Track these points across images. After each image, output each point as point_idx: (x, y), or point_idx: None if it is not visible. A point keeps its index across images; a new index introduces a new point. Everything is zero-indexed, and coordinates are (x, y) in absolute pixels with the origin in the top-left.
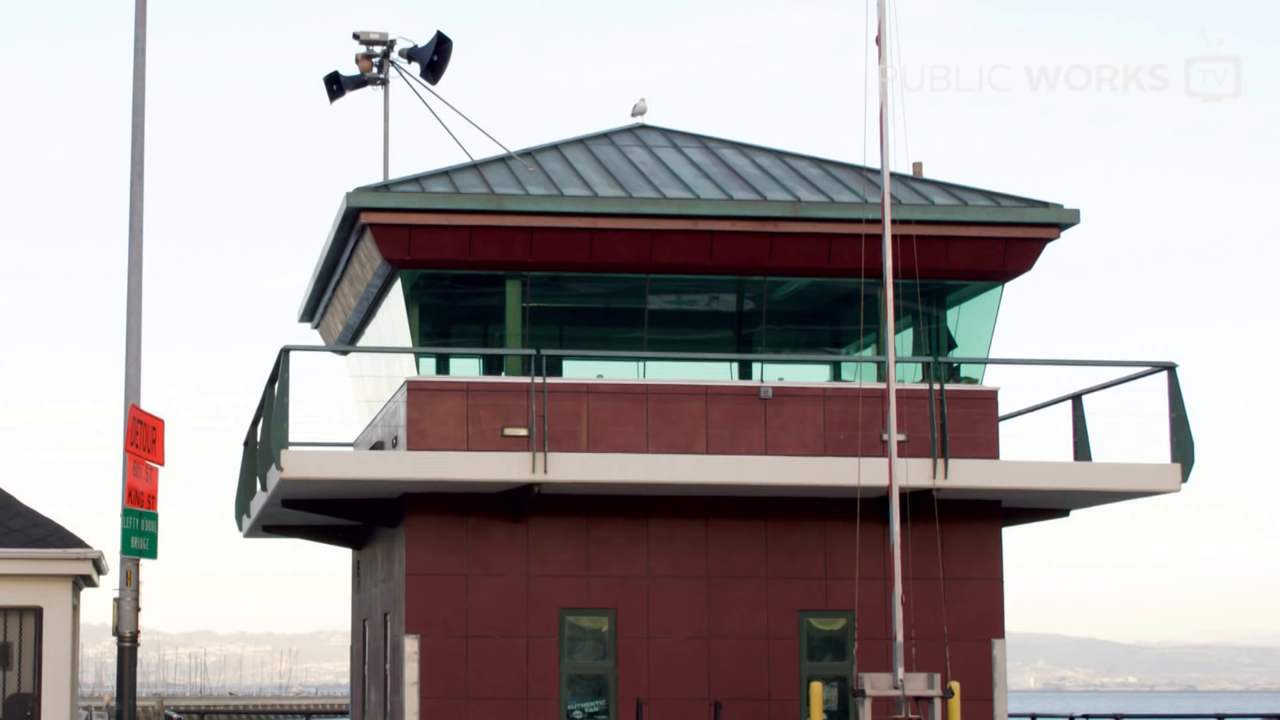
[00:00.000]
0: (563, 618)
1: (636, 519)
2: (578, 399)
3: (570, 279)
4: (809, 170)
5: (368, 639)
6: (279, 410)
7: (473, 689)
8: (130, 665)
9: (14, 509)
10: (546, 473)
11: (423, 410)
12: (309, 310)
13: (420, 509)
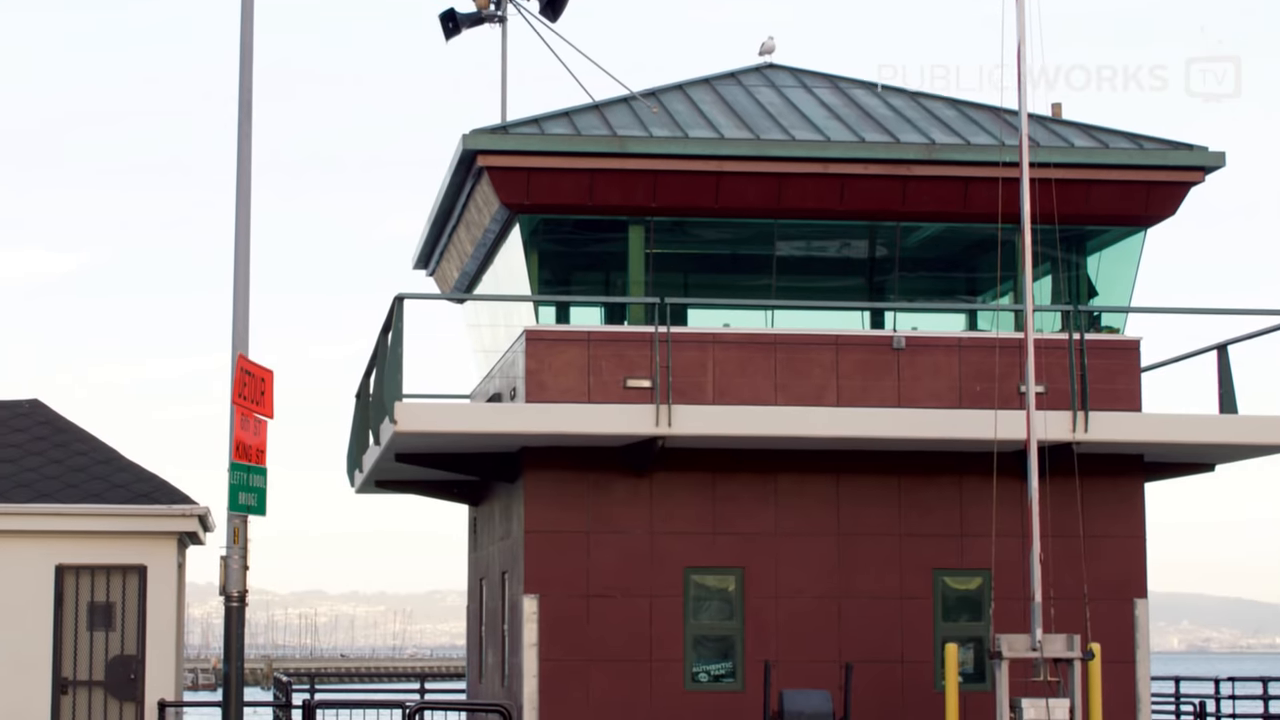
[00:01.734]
0: (688, 577)
1: (764, 474)
2: (703, 349)
3: (695, 224)
4: (944, 111)
5: (485, 599)
6: (393, 361)
7: (593, 651)
8: (237, 626)
9: (118, 464)
10: (671, 426)
11: (542, 361)
12: (424, 257)
13: (539, 463)
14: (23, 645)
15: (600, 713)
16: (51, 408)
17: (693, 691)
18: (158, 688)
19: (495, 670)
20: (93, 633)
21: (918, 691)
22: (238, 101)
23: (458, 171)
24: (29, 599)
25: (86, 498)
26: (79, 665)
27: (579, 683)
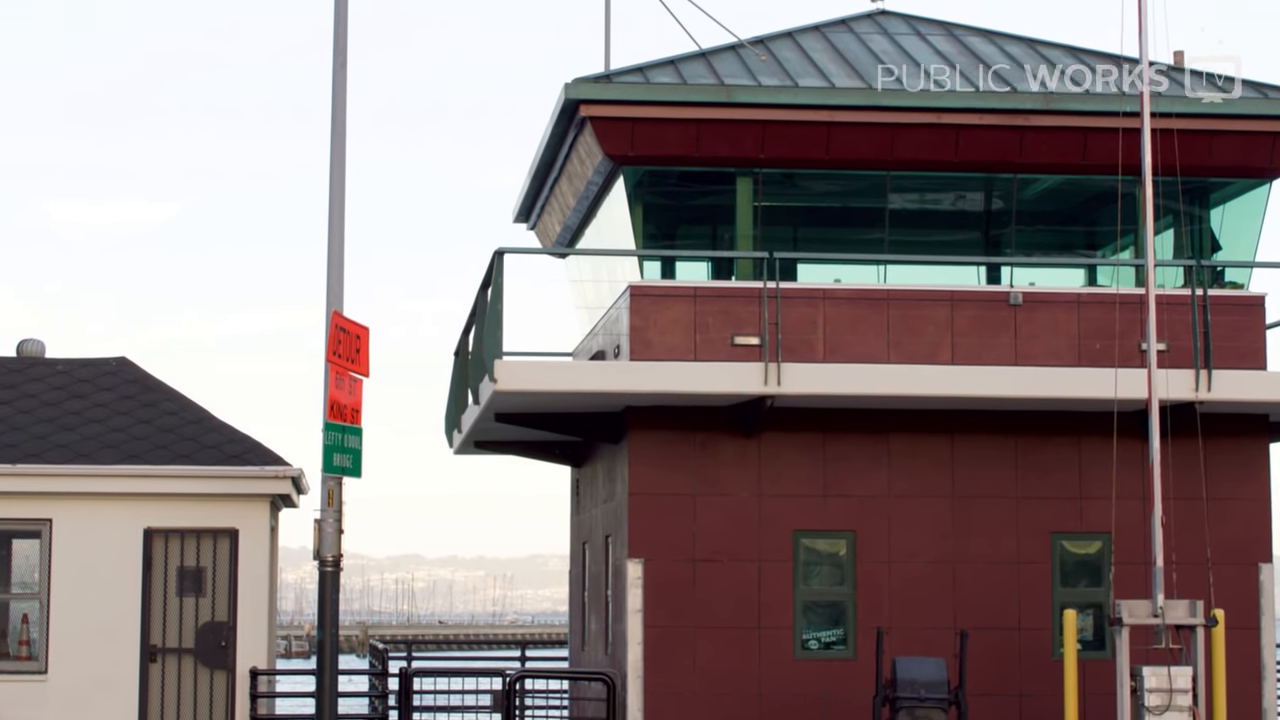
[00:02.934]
0: (797, 540)
1: (876, 434)
2: (813, 305)
3: (805, 176)
4: (1062, 60)
5: (588, 563)
6: (492, 317)
7: (700, 617)
8: (332, 591)
9: (208, 424)
10: (780, 385)
11: (647, 317)
12: (524, 210)
13: (644, 423)
14: (110, 612)
15: (707, 681)
16: (140, 366)
17: (802, 659)
18: (249, 655)
19: (599, 637)
20: (182, 599)
21: (1035, 659)
22: (332, 48)
23: (560, 122)
24: (117, 564)
25: (176, 459)
26: (168, 632)
27: (685, 650)
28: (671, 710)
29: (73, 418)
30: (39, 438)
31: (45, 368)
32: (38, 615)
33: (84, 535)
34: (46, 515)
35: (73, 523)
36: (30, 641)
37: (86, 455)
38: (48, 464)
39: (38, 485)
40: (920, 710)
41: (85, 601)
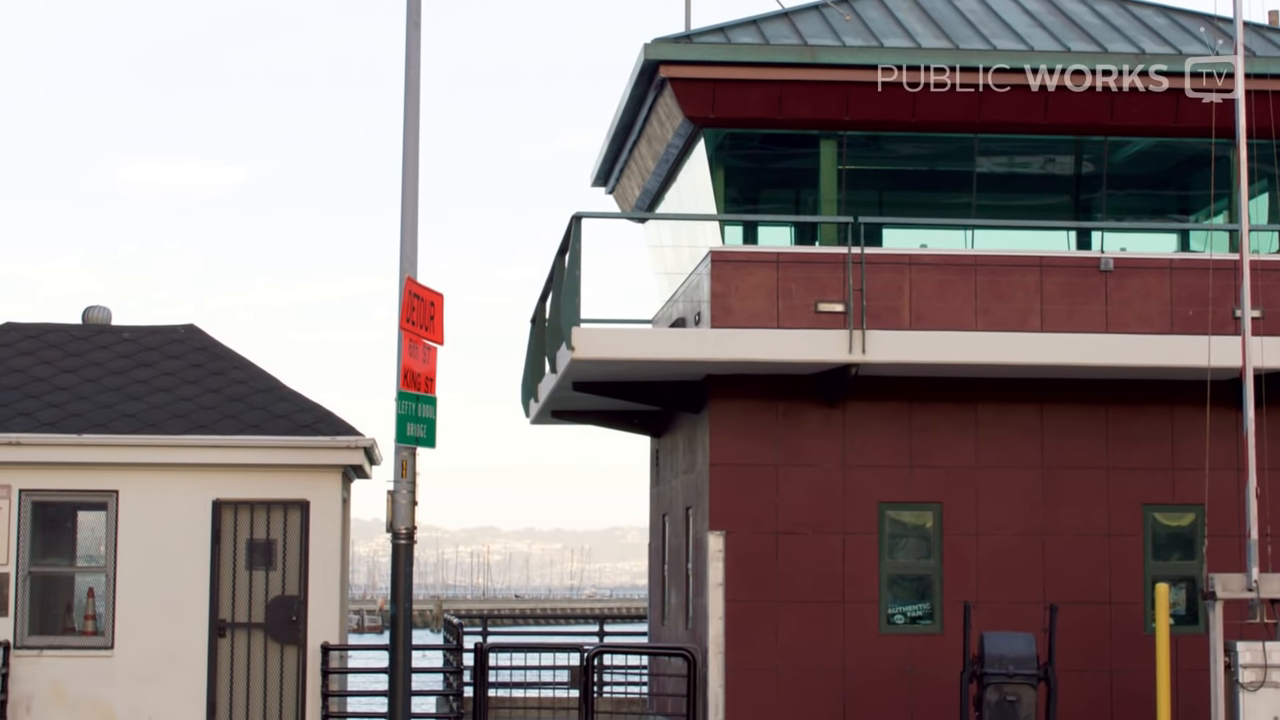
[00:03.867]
0: (883, 512)
1: (964, 404)
2: (899, 271)
3: (891, 139)
4: (1154, 19)
5: (668, 536)
6: (570, 284)
7: (783, 591)
8: (405, 565)
9: (278, 393)
10: (865, 352)
11: (728, 283)
12: (603, 174)
13: (725, 392)
14: (178, 585)
15: (790, 656)
16: (208, 333)
17: (888, 634)
18: (321, 630)
19: (679, 612)
20: (252, 572)
21: (1126, 634)
22: (405, 8)
23: (639, 83)
24: (185, 536)
25: (245, 429)
26: (237, 606)
27: (767, 625)
28: (753, 686)
29: (140, 386)
30: (105, 407)
31: (111, 335)
32: (104, 589)
33: (151, 507)
34: (113, 487)
35: (140, 494)
36: (96, 616)
37: (154, 425)
38: (114, 434)
39: (104, 456)
40: (1009, 686)
41: (152, 575)
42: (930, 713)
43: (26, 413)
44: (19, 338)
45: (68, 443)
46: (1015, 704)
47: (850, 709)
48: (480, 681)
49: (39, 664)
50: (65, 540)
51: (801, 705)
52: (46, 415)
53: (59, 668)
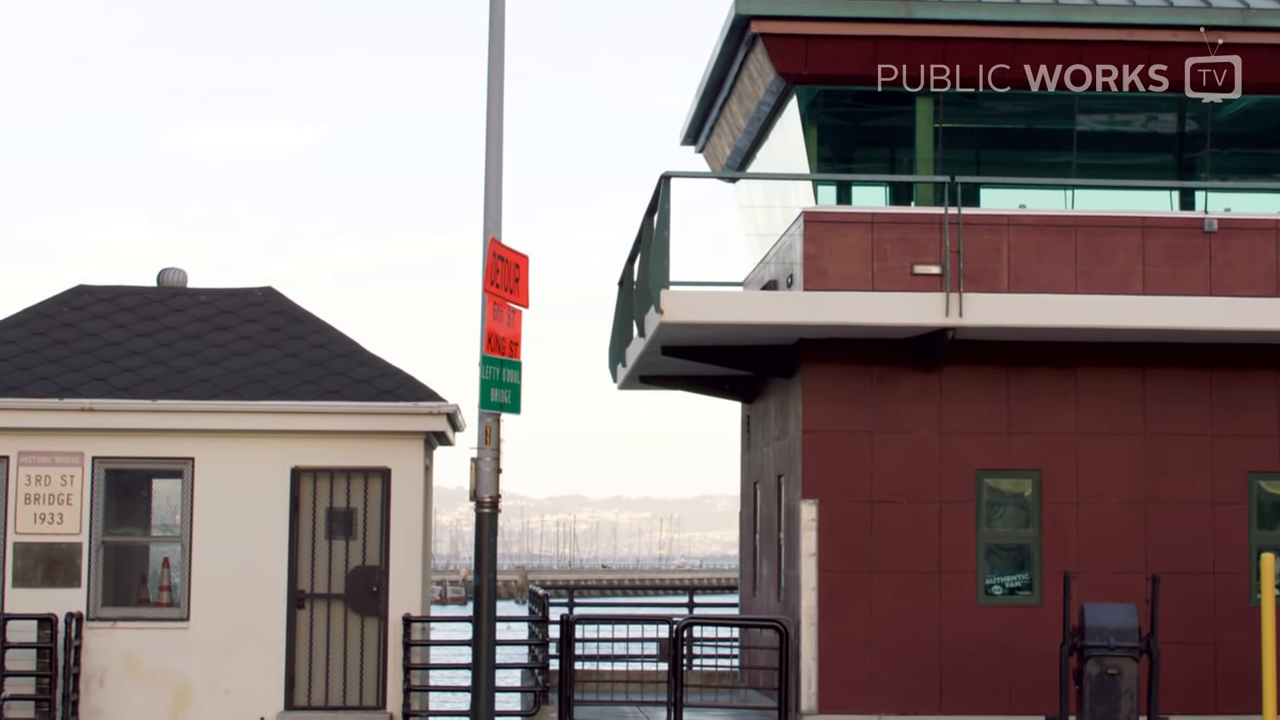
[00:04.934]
0: (980, 480)
1: (1063, 369)
2: (997, 232)
3: (989, 96)
4: None
5: (759, 505)
6: (659, 245)
7: (877, 561)
8: (490, 534)
9: (358, 357)
10: (962, 316)
11: (821, 245)
12: (692, 133)
13: (818, 357)
14: (256, 555)
15: (885, 628)
16: (286, 296)
17: (985, 606)
18: (402, 601)
19: (770, 582)
20: (331, 541)
21: (1231, 605)
22: None
23: (729, 39)
24: (263, 505)
25: (325, 394)
26: (316, 577)
27: (861, 596)
28: (847, 659)
29: (216, 351)
30: (181, 372)
31: (187, 299)
32: (179, 559)
33: (228, 475)
34: (189, 454)
35: (216, 462)
36: (171, 587)
37: (231, 391)
38: (190, 400)
39: (180, 422)
40: (1110, 659)
41: (229, 545)
42: (1029, 686)
43: (100, 378)
44: (92, 300)
45: (142, 409)
46: (1116, 677)
47: (946, 682)
48: (566, 654)
49: (112, 636)
50: (140, 509)
51: (896, 679)
52: (120, 380)
53: (133, 640)
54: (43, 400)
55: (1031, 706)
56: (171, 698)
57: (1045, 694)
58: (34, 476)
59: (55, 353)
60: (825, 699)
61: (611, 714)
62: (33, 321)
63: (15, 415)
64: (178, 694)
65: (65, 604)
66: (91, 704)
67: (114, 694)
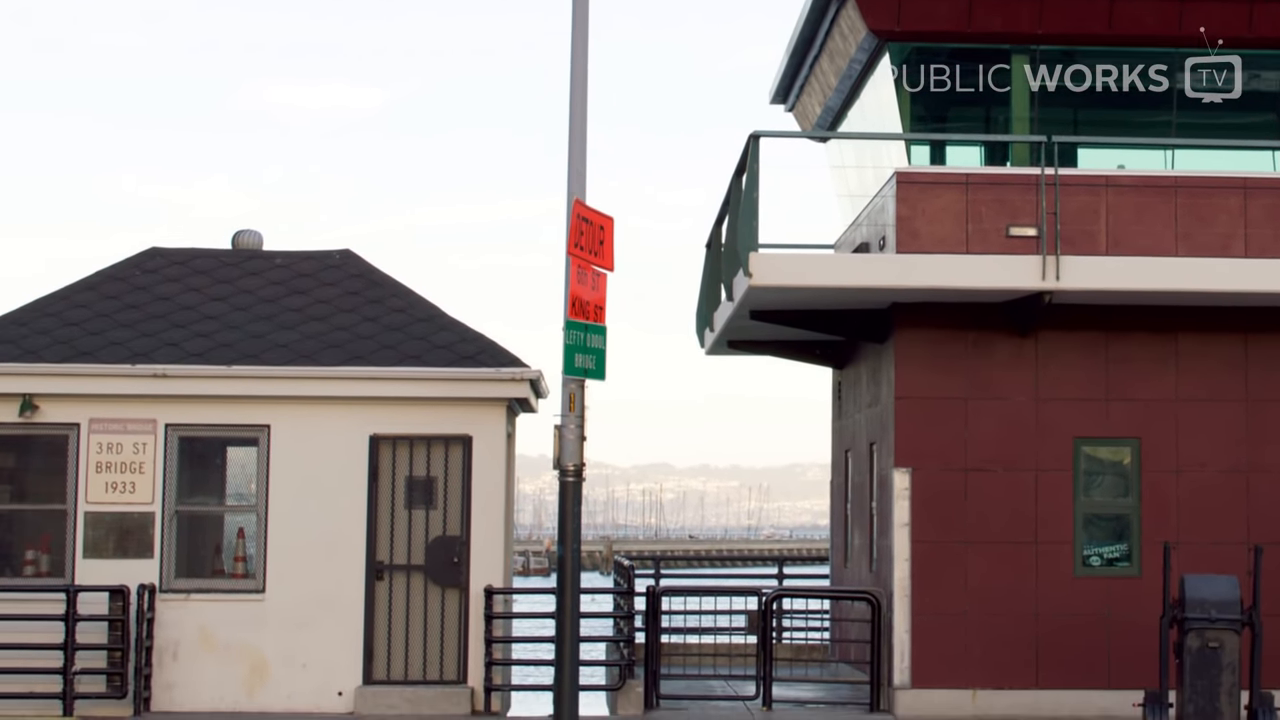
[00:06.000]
0: (1078, 448)
1: (1163, 333)
2: (1095, 194)
3: (1086, 53)
4: None
5: (850, 473)
6: (748, 207)
7: (972, 531)
8: (574, 503)
9: (439, 322)
10: (1059, 279)
11: (915, 206)
12: (782, 91)
13: (911, 321)
14: (334, 525)
15: (979, 600)
16: (364, 259)
17: (1083, 577)
18: (484, 573)
19: (862, 553)
20: (411, 511)
21: None
22: None
23: None
24: (340, 474)
25: (404, 360)
26: (396, 547)
27: (956, 566)
28: (941, 632)
29: (293, 315)
30: (256, 337)
31: (263, 261)
32: (254, 529)
33: (305, 442)
34: (264, 421)
35: (293, 429)
36: (246, 558)
37: (308, 356)
38: (266, 365)
39: (255, 388)
40: (1211, 632)
41: (306, 514)
42: (1128, 659)
43: (173, 343)
44: (165, 264)
45: (217, 374)
46: (1218, 650)
47: (1043, 655)
48: (652, 627)
49: (186, 608)
50: (214, 478)
51: (992, 651)
52: (194, 346)
53: (207, 612)
54: (114, 366)
55: (1130, 680)
56: (247, 671)
57: (1144, 667)
58: (106, 444)
59: (127, 317)
60: (918, 673)
61: (699, 688)
62: (104, 285)
63: (86, 381)
64: (253, 668)
65: (137, 575)
66: (164, 678)
67: (187, 668)
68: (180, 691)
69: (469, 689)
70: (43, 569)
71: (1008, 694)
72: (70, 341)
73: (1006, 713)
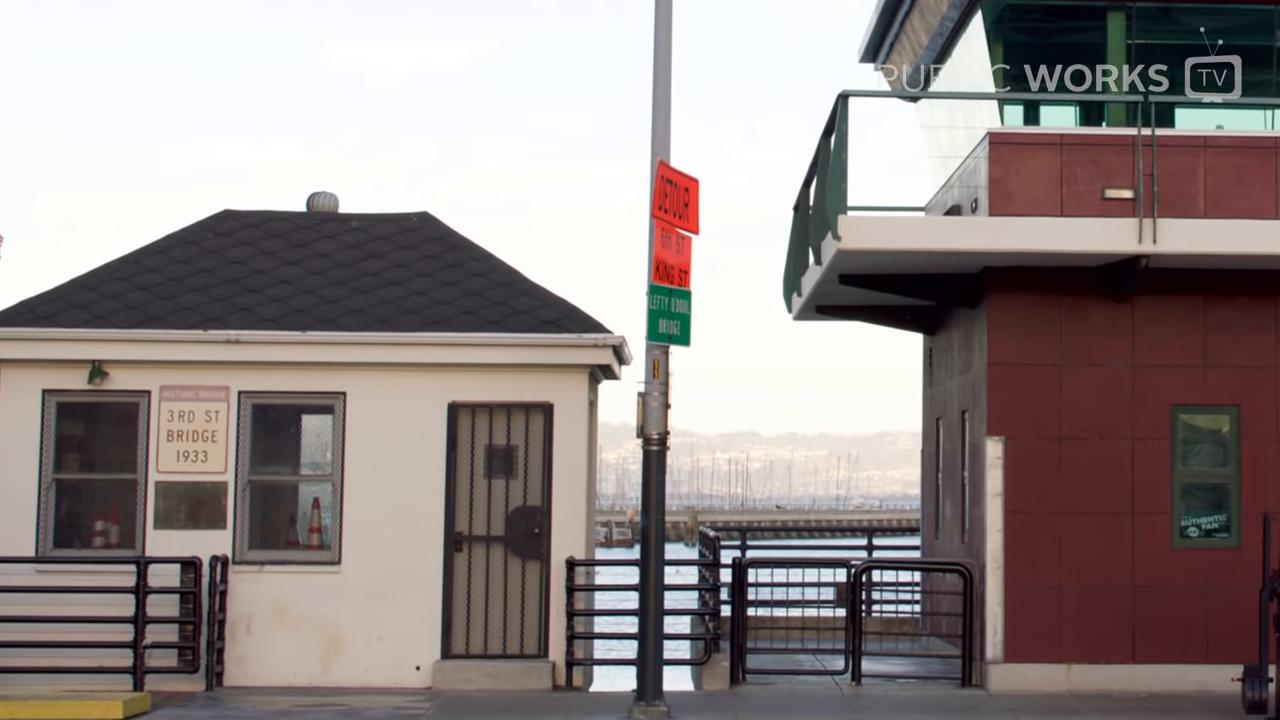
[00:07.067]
0: (1175, 416)
1: (1263, 298)
2: (1193, 155)
3: (1184, 11)
4: None
5: (942, 442)
6: (836, 168)
7: (1066, 501)
8: (658, 473)
9: (519, 287)
10: (1156, 243)
11: (1008, 168)
12: (871, 49)
13: (1004, 286)
14: (411, 495)
15: (1074, 572)
16: (443, 221)
17: (1180, 548)
18: (565, 544)
19: (954, 523)
20: (491, 481)
21: None
22: None
23: None
24: (418, 442)
25: (484, 325)
26: (475, 518)
27: (1049, 537)
28: (1035, 604)
29: (369, 280)
30: (331, 302)
31: (338, 224)
32: (330, 500)
33: (382, 410)
34: (340, 388)
35: (369, 396)
36: (322, 529)
37: (385, 321)
38: (342, 331)
39: (330, 355)
40: None
41: (383, 484)
42: (1227, 633)
43: (246, 308)
44: (238, 226)
45: (291, 340)
46: None
47: (1140, 629)
48: (738, 600)
49: (259, 580)
50: (288, 446)
51: (1087, 625)
52: (268, 311)
53: (281, 584)
54: (186, 332)
55: (1229, 654)
56: (322, 646)
57: (1243, 641)
58: (177, 412)
59: (199, 281)
60: (1011, 647)
61: (786, 663)
62: (176, 249)
63: (157, 348)
64: (328, 642)
65: (210, 546)
66: (237, 652)
67: (261, 641)
68: (253, 666)
69: (550, 663)
70: (112, 540)
71: (1103, 668)
72: (141, 307)
73: (1102, 688)
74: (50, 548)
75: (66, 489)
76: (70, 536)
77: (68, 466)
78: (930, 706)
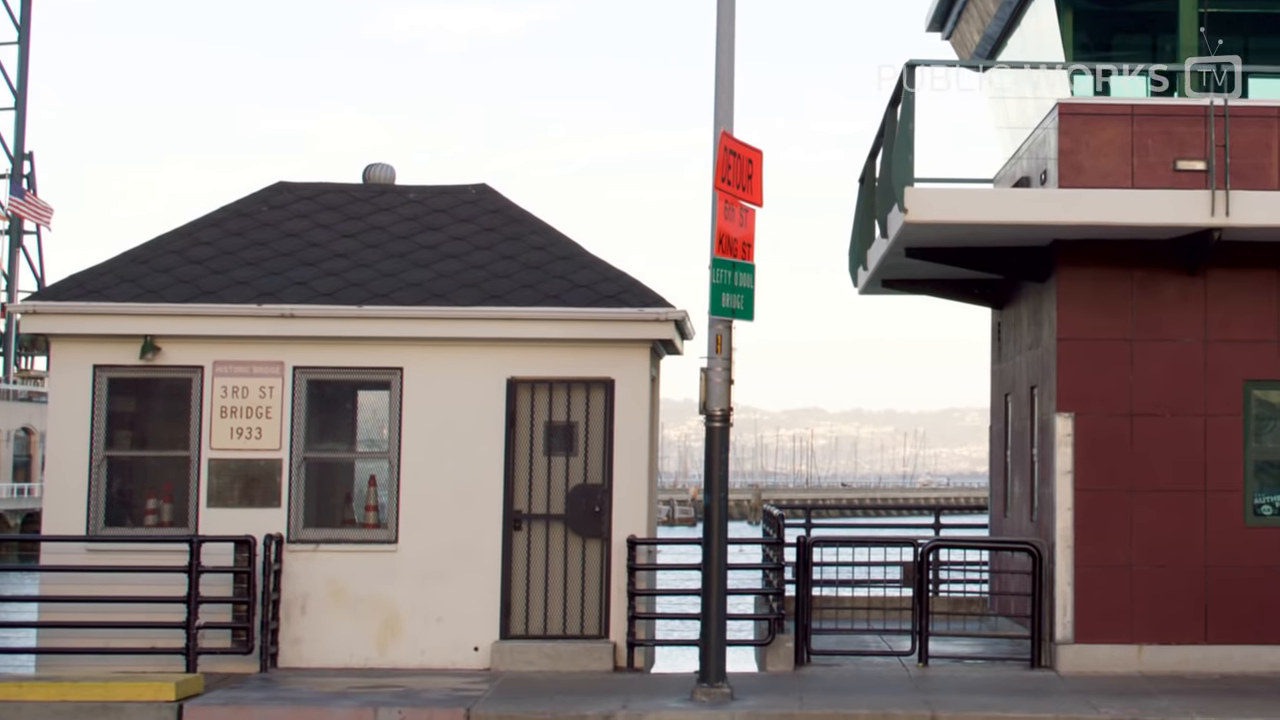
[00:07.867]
0: (1248, 392)
1: None
2: (1267, 125)
3: None
4: None
5: (1010, 418)
6: (903, 140)
7: (1137, 479)
8: (720, 450)
9: (580, 260)
10: (1229, 215)
11: (1078, 139)
12: (939, 18)
13: (1074, 259)
14: (470, 472)
15: (1145, 550)
16: (502, 194)
17: (1254, 527)
18: (626, 522)
19: (1023, 501)
20: (550, 458)
21: None
22: None
23: None
24: (477, 419)
25: (544, 299)
26: (534, 496)
27: (1120, 516)
28: (1105, 584)
29: (427, 253)
30: (388, 275)
31: (395, 196)
32: (386, 477)
33: (439, 386)
34: (397, 364)
35: (427, 372)
36: (378, 507)
37: (442, 295)
38: (398, 305)
39: (387, 329)
40: None
41: (441, 461)
42: None
43: (301, 282)
44: (293, 199)
45: (347, 315)
46: None
47: (1212, 609)
48: (803, 579)
49: (315, 559)
50: (344, 423)
51: (1158, 605)
52: (323, 285)
53: (337, 563)
54: (240, 306)
55: None
56: (379, 626)
57: None
58: (231, 388)
59: (253, 255)
60: (1082, 627)
61: (851, 643)
62: (229, 221)
63: (210, 322)
64: (385, 622)
65: (264, 525)
66: (292, 632)
67: (316, 622)
68: (308, 647)
69: (611, 644)
70: (165, 519)
71: (1174, 649)
72: (193, 280)
73: (1174, 669)
74: (101, 526)
75: (118, 466)
76: (122, 515)
77: (119, 443)
78: (998, 688)
